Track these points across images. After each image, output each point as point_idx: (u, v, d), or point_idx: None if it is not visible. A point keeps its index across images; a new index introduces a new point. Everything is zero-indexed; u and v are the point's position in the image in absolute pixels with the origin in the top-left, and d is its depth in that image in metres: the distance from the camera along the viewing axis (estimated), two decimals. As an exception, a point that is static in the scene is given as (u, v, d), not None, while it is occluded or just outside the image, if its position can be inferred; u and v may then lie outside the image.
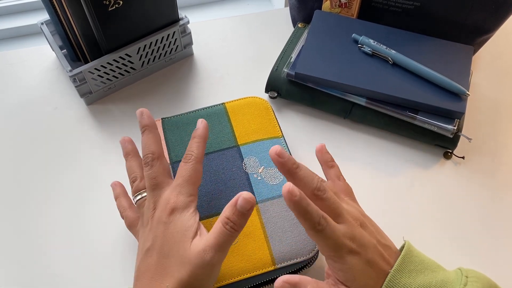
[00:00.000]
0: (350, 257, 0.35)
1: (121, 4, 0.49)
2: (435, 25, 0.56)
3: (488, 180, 0.51)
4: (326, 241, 0.34)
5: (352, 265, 0.35)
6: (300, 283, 0.35)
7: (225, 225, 0.35)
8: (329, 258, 0.35)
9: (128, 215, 0.42)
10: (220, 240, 0.35)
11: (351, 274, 0.35)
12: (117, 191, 0.45)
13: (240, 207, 0.34)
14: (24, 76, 0.60)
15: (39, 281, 0.44)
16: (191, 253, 0.35)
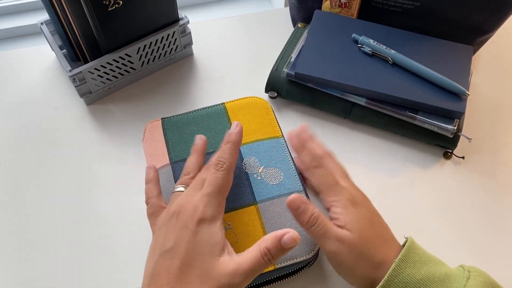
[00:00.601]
0: (351, 205, 0.39)
1: (121, 4, 0.49)
2: (435, 25, 0.56)
3: (488, 180, 0.51)
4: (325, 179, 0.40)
5: (352, 212, 0.39)
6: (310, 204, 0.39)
7: (264, 256, 0.34)
8: (332, 205, 0.40)
9: (155, 203, 0.41)
10: (254, 268, 0.34)
11: (350, 217, 0.38)
12: (151, 175, 0.43)
13: (284, 244, 0.34)
14: (24, 76, 0.60)
15: (39, 281, 0.44)
16: (219, 271, 0.34)
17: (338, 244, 0.37)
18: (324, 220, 0.38)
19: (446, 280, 0.35)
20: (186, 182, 0.41)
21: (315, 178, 0.42)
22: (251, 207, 0.44)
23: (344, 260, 0.37)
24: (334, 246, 0.37)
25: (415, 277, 0.35)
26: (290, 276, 0.42)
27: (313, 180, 0.42)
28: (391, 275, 0.35)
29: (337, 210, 0.39)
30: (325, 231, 0.38)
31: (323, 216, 0.39)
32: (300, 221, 0.39)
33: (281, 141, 0.49)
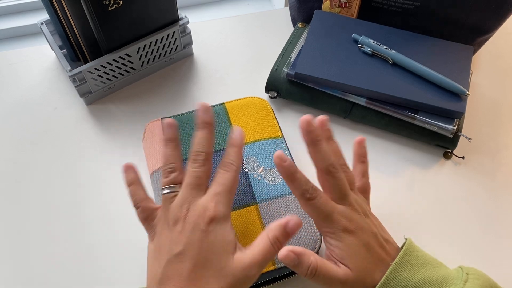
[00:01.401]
0: (346, 235, 0.36)
1: (121, 4, 0.49)
2: (435, 25, 0.56)
3: (488, 180, 0.51)
4: (318, 212, 0.36)
5: (348, 244, 0.36)
6: (305, 254, 0.35)
7: (274, 244, 0.35)
8: (326, 235, 0.37)
9: (146, 206, 0.38)
10: (267, 257, 0.34)
11: (346, 251, 0.36)
12: (131, 176, 0.39)
13: (290, 230, 0.35)
14: (24, 76, 0.60)
15: (40, 282, 0.44)
16: (234, 267, 0.34)
17: (342, 286, 0.36)
18: (322, 266, 0.36)
19: (443, 283, 0.35)
20: (176, 181, 0.37)
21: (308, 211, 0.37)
22: (251, 207, 0.44)
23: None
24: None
25: (412, 280, 0.35)
26: (290, 276, 0.42)
27: (305, 210, 0.37)
28: (387, 278, 0.35)
29: (333, 242, 0.36)
30: (328, 279, 0.36)
31: (320, 262, 0.36)
32: (300, 273, 0.36)
33: (281, 141, 0.49)
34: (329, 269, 0.36)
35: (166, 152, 0.38)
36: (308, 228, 0.42)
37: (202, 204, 0.35)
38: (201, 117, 0.38)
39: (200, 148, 0.37)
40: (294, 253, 0.35)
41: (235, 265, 0.34)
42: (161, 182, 0.38)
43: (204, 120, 0.38)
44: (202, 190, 0.36)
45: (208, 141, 0.38)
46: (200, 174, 0.37)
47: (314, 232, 0.42)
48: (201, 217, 0.34)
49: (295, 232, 0.35)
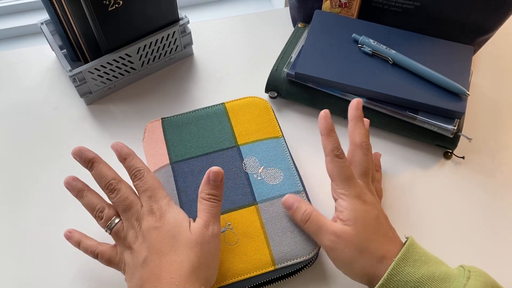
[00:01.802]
0: (358, 201, 0.39)
1: (121, 4, 0.49)
2: (435, 25, 0.56)
3: (488, 180, 0.51)
4: (341, 171, 0.40)
5: (358, 209, 0.38)
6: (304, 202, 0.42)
7: (209, 200, 0.39)
8: (339, 197, 0.40)
9: (103, 250, 0.40)
10: (212, 212, 0.39)
11: (354, 214, 0.38)
12: (76, 236, 0.42)
13: (213, 181, 0.39)
14: (24, 76, 0.60)
15: (39, 281, 0.44)
16: (193, 236, 0.37)
17: (335, 239, 0.38)
18: (318, 216, 0.40)
19: (446, 279, 0.35)
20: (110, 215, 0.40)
21: (332, 166, 0.40)
22: (251, 207, 0.44)
23: (340, 255, 0.38)
24: (330, 241, 0.38)
25: (415, 276, 0.35)
26: (290, 276, 0.42)
27: (328, 167, 0.41)
28: (390, 273, 0.35)
29: (344, 204, 0.39)
30: (319, 226, 0.39)
31: (316, 213, 0.40)
32: (295, 219, 0.42)
33: (281, 141, 0.49)
34: (323, 219, 0.40)
35: (85, 203, 0.41)
36: (308, 228, 0.42)
37: (145, 211, 0.39)
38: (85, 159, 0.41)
39: (106, 179, 0.40)
40: (294, 199, 0.42)
41: (193, 234, 0.37)
42: (101, 226, 0.40)
43: (88, 158, 0.41)
44: (137, 204, 0.39)
45: (106, 168, 0.41)
46: (124, 195, 0.39)
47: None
48: (151, 218, 0.38)
49: (218, 178, 0.39)
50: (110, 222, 0.40)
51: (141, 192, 0.40)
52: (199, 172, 0.46)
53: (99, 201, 0.41)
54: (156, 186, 0.40)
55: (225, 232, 0.43)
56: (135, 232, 0.38)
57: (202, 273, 0.36)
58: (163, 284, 0.35)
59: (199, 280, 0.36)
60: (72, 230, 0.43)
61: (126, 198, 0.39)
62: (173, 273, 0.35)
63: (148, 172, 0.41)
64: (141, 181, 0.40)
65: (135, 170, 0.40)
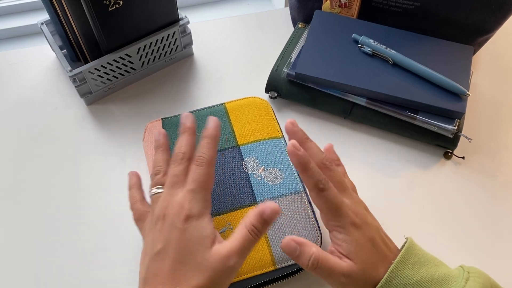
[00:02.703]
0: (353, 229, 0.37)
1: (121, 4, 0.49)
2: (435, 25, 0.56)
3: (488, 180, 0.51)
4: (329, 204, 0.37)
5: (356, 238, 0.36)
6: (306, 244, 0.36)
7: (251, 232, 0.35)
8: (334, 230, 0.37)
9: (139, 208, 0.40)
10: (245, 245, 0.35)
11: (354, 246, 0.36)
12: (133, 181, 0.43)
13: (267, 217, 0.35)
14: (24, 76, 0.60)
15: (39, 281, 0.44)
16: (212, 260, 0.34)
17: (345, 280, 0.36)
18: (325, 260, 0.36)
19: (445, 281, 0.35)
20: (160, 182, 0.39)
21: (319, 202, 0.38)
22: (252, 207, 0.44)
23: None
24: (341, 283, 0.36)
25: (414, 278, 0.35)
26: (290, 276, 0.42)
27: (315, 202, 0.38)
28: (389, 276, 0.35)
29: (340, 237, 0.37)
30: (330, 271, 0.36)
31: (322, 255, 0.36)
32: (301, 264, 0.37)
33: (281, 141, 0.49)
34: (331, 261, 0.36)
35: (155, 157, 0.41)
36: (308, 228, 0.43)
37: (178, 202, 0.36)
38: (183, 124, 0.41)
39: (178, 149, 0.39)
40: (295, 242, 0.36)
41: (213, 258, 0.34)
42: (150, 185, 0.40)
43: (186, 126, 0.41)
44: (180, 187, 0.37)
45: (186, 142, 0.40)
46: (177, 172, 0.38)
47: (314, 232, 0.42)
48: (177, 215, 0.36)
49: (272, 219, 0.36)
50: (156, 188, 0.39)
51: (190, 177, 0.38)
52: (199, 172, 0.46)
53: (163, 164, 0.40)
54: (205, 185, 0.37)
55: (225, 232, 0.43)
56: (159, 215, 0.37)
57: None
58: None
59: None
60: (136, 174, 0.43)
61: (175, 175, 0.38)
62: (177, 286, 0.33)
63: (210, 166, 0.38)
64: (197, 169, 0.38)
65: (199, 156, 0.38)
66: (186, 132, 0.41)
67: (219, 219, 0.43)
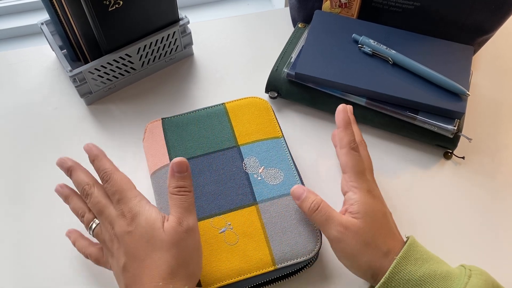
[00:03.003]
0: (368, 196, 0.39)
1: (121, 4, 0.49)
2: (435, 25, 0.56)
3: (488, 180, 0.51)
4: (355, 163, 0.40)
5: (368, 202, 0.39)
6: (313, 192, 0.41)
7: (178, 193, 0.38)
8: (350, 189, 0.40)
9: (91, 251, 0.42)
10: (184, 205, 0.37)
11: (364, 208, 0.38)
12: (73, 236, 0.44)
13: (178, 172, 0.38)
14: (24, 76, 0.60)
15: (39, 281, 0.44)
16: (167, 236, 0.36)
17: (342, 230, 0.37)
18: (326, 207, 0.39)
19: (448, 277, 0.35)
20: (90, 218, 0.41)
21: (347, 158, 0.41)
22: (251, 207, 0.44)
23: (347, 247, 0.37)
24: (338, 232, 0.38)
25: (416, 274, 0.35)
26: (290, 276, 0.43)
27: (343, 159, 0.41)
28: (392, 272, 0.35)
29: (354, 197, 0.39)
30: (327, 216, 0.39)
31: (325, 203, 0.40)
32: (303, 208, 0.41)
33: (281, 141, 0.49)
34: (332, 211, 0.39)
35: (71, 208, 0.43)
36: (308, 228, 0.43)
37: (116, 215, 0.38)
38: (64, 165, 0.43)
39: (79, 185, 0.41)
40: (303, 189, 0.41)
41: (168, 234, 0.36)
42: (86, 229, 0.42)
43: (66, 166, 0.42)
44: (109, 207, 0.39)
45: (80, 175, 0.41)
46: (96, 199, 0.39)
47: (314, 232, 0.42)
48: (123, 222, 0.37)
49: (183, 169, 0.38)
50: (90, 225, 0.40)
51: (110, 195, 0.39)
52: (199, 172, 0.46)
53: (81, 206, 0.42)
54: (124, 187, 0.39)
55: (225, 232, 0.43)
56: (110, 236, 0.38)
57: (182, 272, 0.36)
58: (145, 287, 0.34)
59: (181, 279, 0.35)
60: (72, 230, 0.45)
61: (97, 202, 0.39)
62: (154, 276, 0.35)
63: (116, 173, 0.40)
64: (108, 184, 0.39)
65: (102, 173, 0.40)
66: (73, 170, 0.42)
67: (219, 219, 0.43)
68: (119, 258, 0.37)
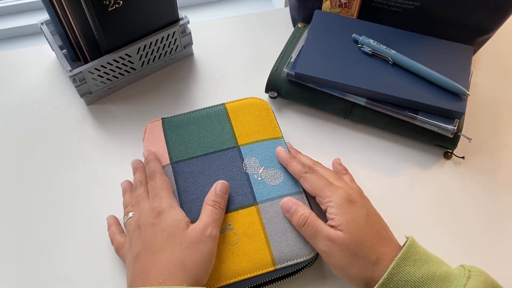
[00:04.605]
0: (345, 204, 0.40)
1: (121, 4, 0.49)
2: (435, 25, 0.56)
3: (488, 180, 0.51)
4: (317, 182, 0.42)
5: (347, 211, 0.39)
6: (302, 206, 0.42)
7: (214, 206, 0.41)
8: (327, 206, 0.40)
9: (117, 239, 0.44)
10: (214, 217, 0.41)
11: (344, 218, 0.39)
12: (110, 221, 0.46)
13: (220, 191, 0.43)
14: (24, 76, 0.60)
15: (38, 281, 0.44)
16: (190, 236, 0.38)
17: (329, 244, 0.38)
18: (314, 220, 0.40)
19: (447, 278, 0.35)
20: (130, 210, 0.44)
21: (308, 183, 0.43)
22: (252, 208, 0.44)
23: (336, 260, 0.38)
24: (325, 246, 0.38)
25: (415, 275, 0.35)
26: (290, 277, 0.42)
27: (306, 185, 0.43)
28: (391, 273, 0.35)
29: (333, 211, 0.39)
30: (315, 231, 0.39)
31: (313, 216, 0.41)
32: (292, 222, 0.42)
33: (281, 142, 0.49)
34: (319, 224, 0.40)
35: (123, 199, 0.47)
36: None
37: (147, 208, 0.41)
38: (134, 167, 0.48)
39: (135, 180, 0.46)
40: (292, 202, 0.42)
41: (191, 235, 0.39)
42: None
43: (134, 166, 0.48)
44: (145, 201, 0.42)
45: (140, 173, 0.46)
46: (139, 193, 0.43)
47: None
48: (150, 215, 0.40)
49: (224, 190, 0.43)
50: (126, 216, 0.43)
51: (150, 191, 0.43)
52: (200, 172, 0.46)
53: (129, 200, 0.46)
54: (163, 186, 0.43)
55: (225, 232, 0.43)
56: (136, 225, 0.40)
57: (193, 272, 0.36)
58: (149, 281, 0.35)
59: (187, 279, 0.36)
60: (112, 216, 0.47)
61: (138, 195, 0.43)
62: (161, 270, 0.36)
63: (160, 174, 0.44)
64: (152, 182, 0.44)
65: (150, 172, 0.45)
66: (135, 169, 0.47)
67: (219, 219, 0.43)
68: (136, 246, 0.39)
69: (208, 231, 0.39)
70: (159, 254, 0.37)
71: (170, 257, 0.37)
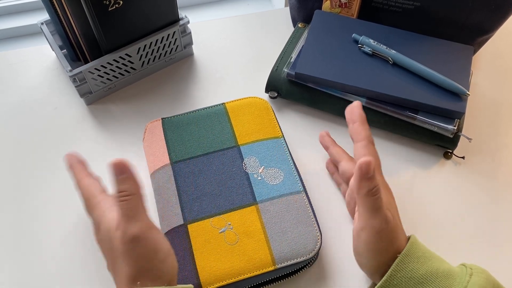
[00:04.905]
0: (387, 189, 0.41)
1: (121, 4, 0.49)
2: (435, 25, 0.56)
3: (488, 180, 0.51)
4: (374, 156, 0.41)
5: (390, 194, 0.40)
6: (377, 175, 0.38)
7: (118, 198, 0.33)
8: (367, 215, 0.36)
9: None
10: (125, 213, 0.33)
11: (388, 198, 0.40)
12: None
13: (117, 175, 0.34)
14: (24, 76, 0.60)
15: (38, 280, 0.44)
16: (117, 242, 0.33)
17: (385, 224, 0.35)
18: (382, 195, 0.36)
19: (449, 275, 0.35)
20: None
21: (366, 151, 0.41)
22: (252, 207, 0.44)
23: (379, 240, 0.36)
24: (380, 224, 0.35)
25: (418, 272, 0.35)
26: (290, 276, 0.43)
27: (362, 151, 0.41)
28: (394, 269, 0.35)
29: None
30: (380, 206, 0.35)
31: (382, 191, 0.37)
32: (363, 186, 0.35)
33: (281, 141, 0.49)
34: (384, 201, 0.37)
35: None
36: (308, 228, 0.43)
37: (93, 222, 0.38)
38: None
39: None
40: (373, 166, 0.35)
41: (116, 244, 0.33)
42: None
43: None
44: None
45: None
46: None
47: (314, 232, 0.42)
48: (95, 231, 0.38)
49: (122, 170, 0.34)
50: None
51: None
52: (200, 172, 0.46)
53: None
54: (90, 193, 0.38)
55: (225, 232, 0.43)
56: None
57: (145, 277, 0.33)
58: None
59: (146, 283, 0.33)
60: None
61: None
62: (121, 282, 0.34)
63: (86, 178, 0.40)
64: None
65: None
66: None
67: (219, 219, 0.43)
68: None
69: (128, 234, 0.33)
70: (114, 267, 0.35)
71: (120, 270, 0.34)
